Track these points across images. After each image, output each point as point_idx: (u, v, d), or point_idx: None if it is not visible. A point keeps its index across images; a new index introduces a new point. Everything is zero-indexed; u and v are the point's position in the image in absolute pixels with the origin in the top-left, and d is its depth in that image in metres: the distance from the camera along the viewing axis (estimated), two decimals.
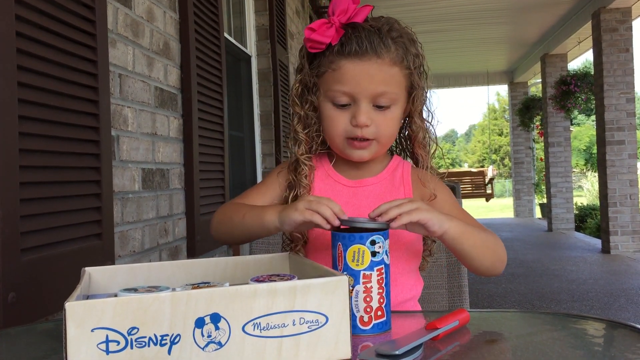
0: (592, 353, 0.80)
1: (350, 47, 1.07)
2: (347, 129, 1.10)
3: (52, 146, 1.46)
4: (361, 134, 1.09)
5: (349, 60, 1.07)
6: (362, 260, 0.88)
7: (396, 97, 1.11)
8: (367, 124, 1.09)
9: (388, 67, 1.08)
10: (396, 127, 1.15)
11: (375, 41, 1.07)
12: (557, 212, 9.84)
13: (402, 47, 1.10)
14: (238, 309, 0.69)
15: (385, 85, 1.08)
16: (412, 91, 1.14)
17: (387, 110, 1.11)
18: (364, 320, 0.87)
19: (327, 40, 1.07)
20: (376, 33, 1.08)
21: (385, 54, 1.08)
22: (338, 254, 0.89)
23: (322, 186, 1.18)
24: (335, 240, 0.90)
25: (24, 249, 1.31)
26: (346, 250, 0.88)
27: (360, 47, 1.06)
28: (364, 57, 1.07)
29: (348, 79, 1.08)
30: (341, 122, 1.11)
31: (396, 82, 1.10)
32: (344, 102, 1.10)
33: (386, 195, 1.16)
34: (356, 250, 0.88)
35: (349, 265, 0.88)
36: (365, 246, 0.88)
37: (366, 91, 1.08)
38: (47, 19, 1.45)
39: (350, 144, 1.12)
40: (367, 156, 1.14)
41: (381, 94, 1.08)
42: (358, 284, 0.87)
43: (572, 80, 8.56)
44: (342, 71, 1.08)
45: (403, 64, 1.10)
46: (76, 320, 0.65)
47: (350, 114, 1.10)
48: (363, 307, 0.87)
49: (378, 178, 1.18)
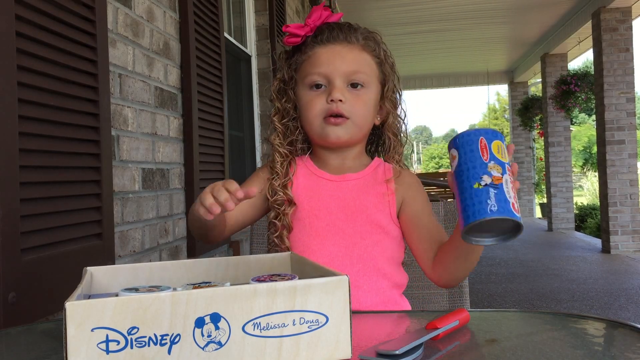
0: (592, 353, 0.80)
1: (322, 35, 1.19)
2: (324, 107, 1.18)
3: (52, 146, 1.46)
4: (337, 109, 1.16)
5: (322, 45, 1.19)
6: (504, 154, 0.89)
7: (368, 80, 1.20)
8: (341, 99, 1.16)
9: (359, 51, 1.20)
10: (370, 110, 1.21)
11: (345, 30, 1.20)
12: (557, 211, 9.84)
13: (372, 43, 1.22)
14: (238, 309, 0.69)
15: (357, 65, 1.18)
16: (383, 82, 1.23)
17: (361, 91, 1.19)
18: (515, 207, 0.86)
19: (302, 33, 1.19)
20: (346, 26, 1.21)
21: (355, 41, 1.20)
22: (481, 147, 0.88)
23: (306, 183, 1.23)
24: (473, 136, 0.89)
25: (24, 249, 1.31)
26: (490, 143, 0.88)
27: (331, 34, 1.19)
28: (335, 41, 1.19)
29: (322, 61, 1.18)
30: (318, 103, 1.18)
31: (367, 65, 1.20)
32: (319, 82, 1.18)
33: (369, 188, 1.21)
34: (499, 144, 0.88)
35: (495, 155, 0.88)
36: (504, 144, 0.89)
37: (339, 70, 1.17)
38: (47, 19, 1.45)
39: (327, 121, 1.18)
40: (343, 135, 1.19)
41: (353, 72, 1.18)
42: (506, 174, 0.87)
43: (573, 79, 8.56)
44: (316, 56, 1.19)
45: (373, 52, 1.21)
46: (76, 319, 0.65)
47: (326, 94, 1.18)
48: (513, 195, 0.87)
49: (360, 174, 1.23)
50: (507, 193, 0.86)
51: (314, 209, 1.19)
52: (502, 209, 0.84)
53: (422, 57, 11.19)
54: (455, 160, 0.90)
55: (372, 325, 0.96)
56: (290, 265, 1.00)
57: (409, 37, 9.38)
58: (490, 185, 0.85)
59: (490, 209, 0.84)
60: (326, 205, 1.19)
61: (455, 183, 0.90)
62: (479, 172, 0.86)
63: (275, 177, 1.22)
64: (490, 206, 0.84)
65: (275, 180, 1.22)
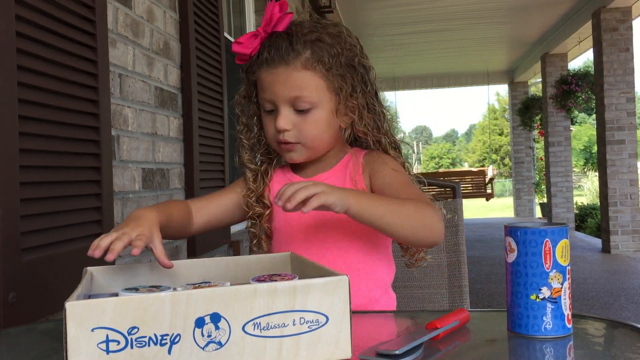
0: (592, 352, 0.80)
1: (262, 56, 1.12)
2: (274, 134, 1.15)
3: (52, 146, 1.46)
4: (283, 138, 1.14)
5: (263, 69, 1.13)
6: (567, 254, 0.83)
7: (314, 101, 1.12)
8: (286, 128, 1.13)
9: (297, 72, 1.11)
10: (322, 129, 1.15)
11: (283, 48, 1.10)
12: (558, 211, 9.84)
13: (318, 49, 1.11)
14: (238, 309, 0.69)
15: (298, 90, 1.11)
16: (338, 89, 1.14)
17: (308, 114, 1.13)
18: (569, 317, 0.83)
19: (248, 51, 1.13)
20: (287, 40, 1.11)
21: (294, 60, 1.10)
22: (544, 253, 0.82)
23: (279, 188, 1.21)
24: (538, 237, 0.82)
25: (24, 249, 1.31)
26: (555, 246, 0.82)
27: (269, 54, 1.11)
28: (272, 64, 1.11)
29: (266, 87, 1.13)
30: (270, 128, 1.16)
31: (310, 86, 1.12)
32: (269, 108, 1.15)
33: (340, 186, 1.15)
34: (564, 245, 0.82)
35: (559, 261, 0.82)
36: (568, 239, 0.84)
37: (281, 97, 1.12)
38: (47, 19, 1.45)
39: (280, 147, 1.17)
40: (297, 158, 1.18)
41: (296, 98, 1.11)
42: (565, 281, 0.82)
43: (573, 79, 8.56)
44: (260, 80, 1.15)
45: (315, 67, 1.11)
46: (76, 319, 0.65)
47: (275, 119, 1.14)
48: (568, 304, 0.83)
49: (331, 172, 1.20)
50: (563, 306, 0.82)
51: (287, 215, 1.17)
52: (556, 327, 0.81)
53: (422, 57, 11.19)
54: (512, 254, 0.84)
55: (372, 325, 0.96)
56: (290, 265, 1.00)
57: (409, 37, 9.38)
58: (549, 300, 0.81)
59: (545, 327, 0.81)
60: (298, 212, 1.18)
61: (509, 279, 0.85)
62: (538, 283, 0.82)
63: (249, 192, 1.21)
64: (546, 324, 0.81)
65: (250, 197, 1.21)
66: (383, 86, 11.04)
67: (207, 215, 1.20)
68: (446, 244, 1.45)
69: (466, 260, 1.44)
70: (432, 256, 1.45)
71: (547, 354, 0.79)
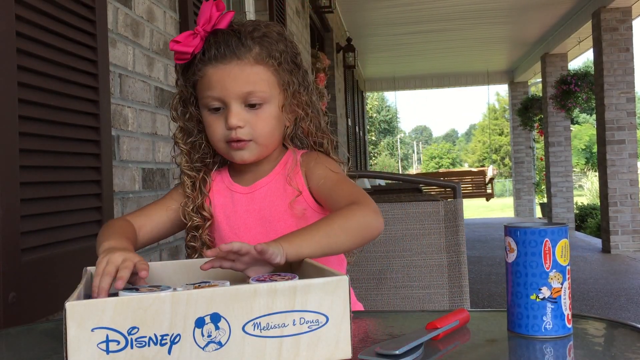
0: (592, 353, 0.80)
1: (210, 53, 1.10)
2: (224, 132, 1.12)
3: (52, 146, 1.46)
4: (235, 136, 1.11)
5: (212, 65, 1.10)
6: (567, 254, 0.83)
7: (266, 96, 1.12)
8: (240, 125, 1.11)
9: (250, 67, 1.10)
10: (274, 125, 1.15)
11: (233, 44, 1.10)
12: (558, 211, 9.84)
13: (266, 45, 1.12)
14: (238, 309, 0.69)
15: (251, 85, 1.10)
16: (285, 86, 1.15)
17: (260, 110, 1.12)
18: (569, 317, 0.83)
19: (191, 50, 1.10)
20: (235, 36, 1.11)
21: (245, 54, 1.10)
22: (544, 252, 0.82)
23: (222, 199, 1.19)
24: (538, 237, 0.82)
25: (24, 249, 1.31)
26: (555, 246, 0.82)
27: (218, 51, 1.09)
28: (224, 60, 1.10)
29: (214, 84, 1.10)
30: (218, 127, 1.13)
31: (263, 80, 1.12)
32: (216, 106, 1.12)
33: (282, 192, 1.15)
34: (563, 245, 0.82)
35: (558, 261, 0.82)
36: (568, 239, 0.83)
37: (233, 93, 1.10)
38: (47, 19, 1.45)
39: (230, 146, 1.13)
40: (248, 157, 1.14)
41: (248, 93, 1.10)
42: (565, 281, 0.82)
43: (573, 79, 8.56)
44: (207, 77, 1.11)
45: (267, 61, 1.11)
46: (76, 319, 0.65)
47: (224, 117, 1.12)
48: (568, 304, 0.83)
49: (271, 176, 1.18)
50: (563, 305, 0.82)
51: (233, 227, 1.16)
52: (556, 326, 0.81)
53: (422, 57, 11.20)
54: (512, 254, 0.84)
55: (372, 325, 0.96)
56: (290, 265, 1.00)
57: (409, 37, 9.39)
58: (548, 300, 0.81)
59: (545, 327, 0.81)
60: (244, 222, 1.16)
61: (509, 278, 0.85)
62: (538, 283, 0.81)
63: (188, 201, 1.17)
64: (546, 324, 0.81)
65: (188, 206, 1.17)
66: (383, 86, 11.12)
67: (149, 232, 1.17)
68: (446, 244, 1.45)
69: (466, 260, 1.44)
70: (432, 256, 1.45)
71: (547, 354, 0.79)
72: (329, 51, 7.20)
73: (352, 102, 9.86)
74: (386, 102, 40.36)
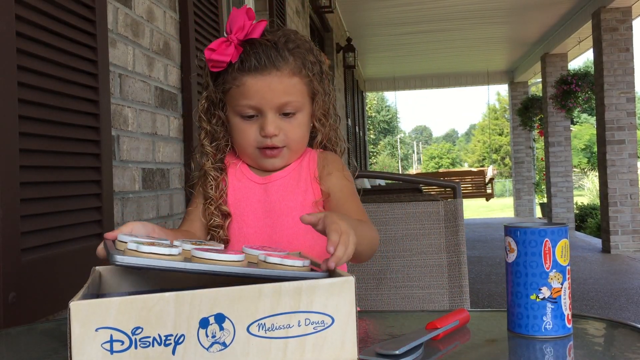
0: (592, 352, 0.80)
1: (249, 63, 1.13)
2: (257, 139, 1.16)
3: (52, 146, 1.46)
4: (271, 143, 1.15)
5: (251, 76, 1.13)
6: (567, 254, 0.83)
7: (300, 105, 1.17)
8: (276, 133, 1.15)
9: (288, 78, 1.15)
10: (304, 132, 1.20)
11: (272, 55, 1.13)
12: (558, 211, 9.84)
13: (300, 56, 1.16)
14: (243, 310, 0.69)
15: (288, 95, 1.15)
16: (313, 96, 1.20)
17: (293, 117, 1.17)
18: (569, 317, 0.83)
19: (227, 59, 1.13)
20: (273, 47, 1.14)
21: (284, 66, 1.14)
22: (544, 252, 0.82)
23: (237, 185, 1.21)
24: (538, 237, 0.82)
25: (24, 249, 1.31)
26: (555, 246, 0.82)
27: (259, 62, 1.13)
28: (264, 71, 1.13)
29: (252, 94, 1.14)
30: (251, 134, 1.16)
31: (298, 91, 1.16)
32: (250, 114, 1.16)
33: (294, 187, 1.19)
34: (563, 245, 0.82)
35: (558, 261, 0.82)
36: (568, 239, 0.83)
37: (271, 103, 1.14)
38: (47, 19, 1.45)
39: (262, 153, 1.17)
40: (279, 164, 1.19)
41: (285, 104, 1.15)
42: (565, 281, 0.82)
43: (573, 79, 8.56)
44: (245, 87, 1.14)
45: (302, 73, 1.16)
46: (81, 319, 0.65)
47: (258, 125, 1.15)
48: (568, 304, 0.83)
49: (286, 171, 1.21)
50: (563, 305, 0.82)
51: (242, 214, 1.18)
52: (556, 327, 0.81)
53: (422, 57, 11.19)
54: (512, 254, 0.85)
55: (372, 325, 0.96)
56: None
57: (409, 37, 9.38)
58: (548, 300, 0.81)
59: (545, 327, 0.81)
60: (254, 211, 1.18)
61: (509, 279, 0.85)
62: (538, 283, 0.82)
63: (210, 201, 1.19)
64: (546, 324, 0.81)
65: (211, 205, 1.19)
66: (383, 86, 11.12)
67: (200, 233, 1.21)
68: (446, 244, 1.45)
69: (466, 260, 1.44)
70: (432, 256, 1.45)
71: (547, 354, 0.79)
72: (329, 51, 7.21)
73: (352, 102, 9.86)
74: (386, 102, 40.36)
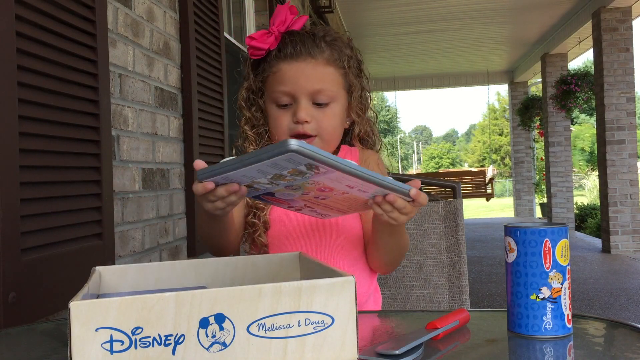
0: (592, 352, 0.80)
1: (286, 50, 1.17)
2: (290, 126, 1.18)
3: (52, 146, 1.46)
4: (302, 130, 1.17)
5: (286, 62, 1.17)
6: (567, 254, 0.83)
7: (334, 95, 1.19)
8: (307, 120, 1.17)
9: (322, 67, 1.18)
10: (338, 123, 1.22)
11: (308, 44, 1.18)
12: (558, 211, 9.84)
13: (336, 49, 1.20)
14: (242, 310, 0.69)
15: (322, 83, 1.17)
16: (349, 90, 1.23)
17: (327, 107, 1.19)
18: (569, 317, 0.83)
19: (266, 46, 1.18)
20: (310, 37, 1.19)
21: (319, 54, 1.18)
22: (544, 252, 0.82)
23: None
24: (538, 237, 0.82)
25: (24, 249, 1.31)
26: (555, 246, 0.82)
27: (295, 49, 1.17)
28: (299, 58, 1.17)
29: (287, 80, 1.17)
30: (284, 121, 1.19)
31: (332, 80, 1.19)
32: (285, 102, 1.18)
33: None
34: (563, 245, 0.82)
35: (558, 261, 0.82)
36: (568, 239, 0.84)
37: (304, 89, 1.16)
38: (47, 19, 1.45)
39: None
40: None
41: (318, 91, 1.17)
42: (565, 281, 0.82)
43: (573, 79, 8.56)
44: (281, 73, 1.18)
45: (337, 63, 1.20)
46: (81, 319, 0.65)
47: (292, 112, 1.18)
48: (568, 304, 0.83)
49: None
50: (563, 305, 0.82)
51: (285, 210, 1.19)
52: (556, 326, 0.81)
53: (422, 57, 11.19)
54: (512, 254, 0.85)
55: (371, 325, 0.96)
56: (298, 265, 1.00)
57: (409, 37, 9.38)
58: (549, 300, 0.81)
59: (545, 327, 0.81)
60: None
61: (509, 279, 0.85)
62: (538, 283, 0.82)
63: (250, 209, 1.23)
64: (546, 324, 0.82)
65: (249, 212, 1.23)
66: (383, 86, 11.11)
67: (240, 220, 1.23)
68: (446, 244, 1.45)
69: (466, 260, 1.44)
70: (432, 256, 1.45)
71: (547, 354, 0.79)
72: None
73: None
74: (386, 102, 40.34)
